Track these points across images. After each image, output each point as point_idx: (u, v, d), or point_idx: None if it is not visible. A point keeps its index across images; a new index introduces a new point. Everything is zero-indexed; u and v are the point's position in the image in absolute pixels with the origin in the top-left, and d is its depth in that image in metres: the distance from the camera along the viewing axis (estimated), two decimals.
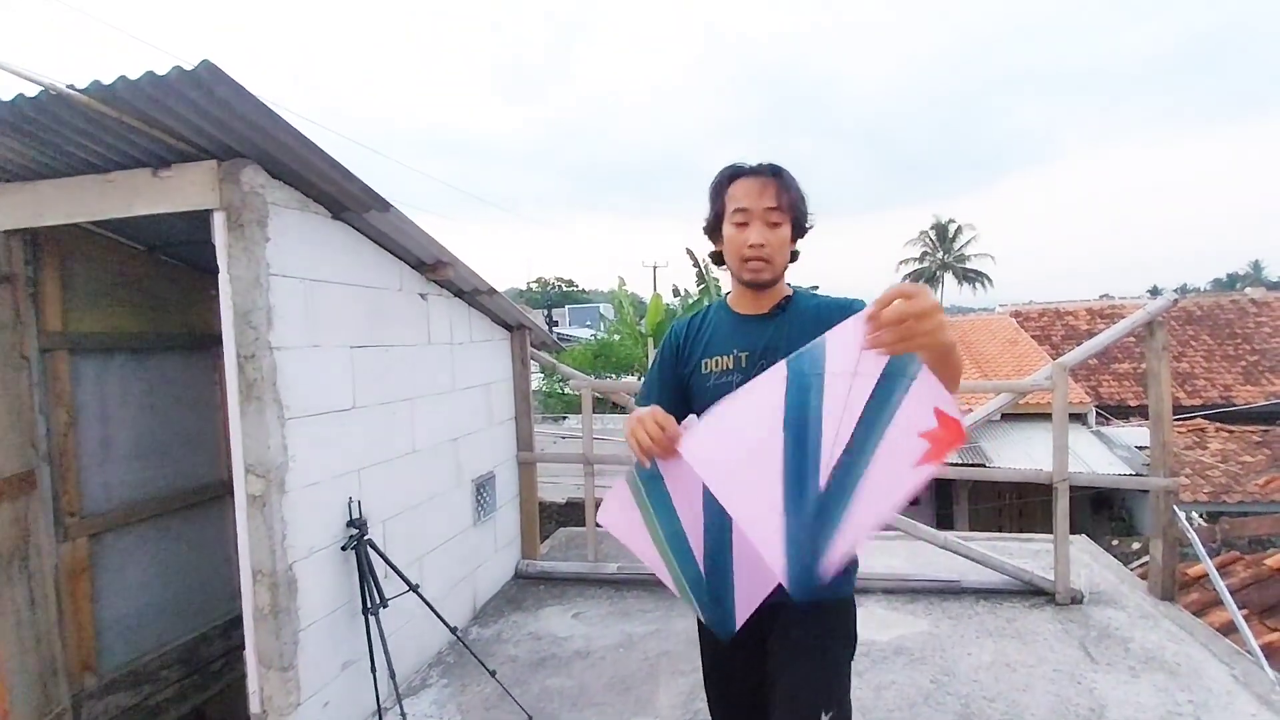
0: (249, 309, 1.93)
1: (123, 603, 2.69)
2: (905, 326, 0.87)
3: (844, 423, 0.96)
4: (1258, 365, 13.45)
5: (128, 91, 1.66)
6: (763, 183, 1.27)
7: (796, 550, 0.99)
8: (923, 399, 0.95)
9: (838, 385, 0.95)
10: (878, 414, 0.96)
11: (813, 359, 0.96)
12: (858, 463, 0.97)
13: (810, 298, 1.37)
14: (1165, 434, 3.10)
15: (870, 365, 0.94)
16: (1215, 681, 2.49)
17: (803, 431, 0.97)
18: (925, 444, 0.94)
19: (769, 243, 1.26)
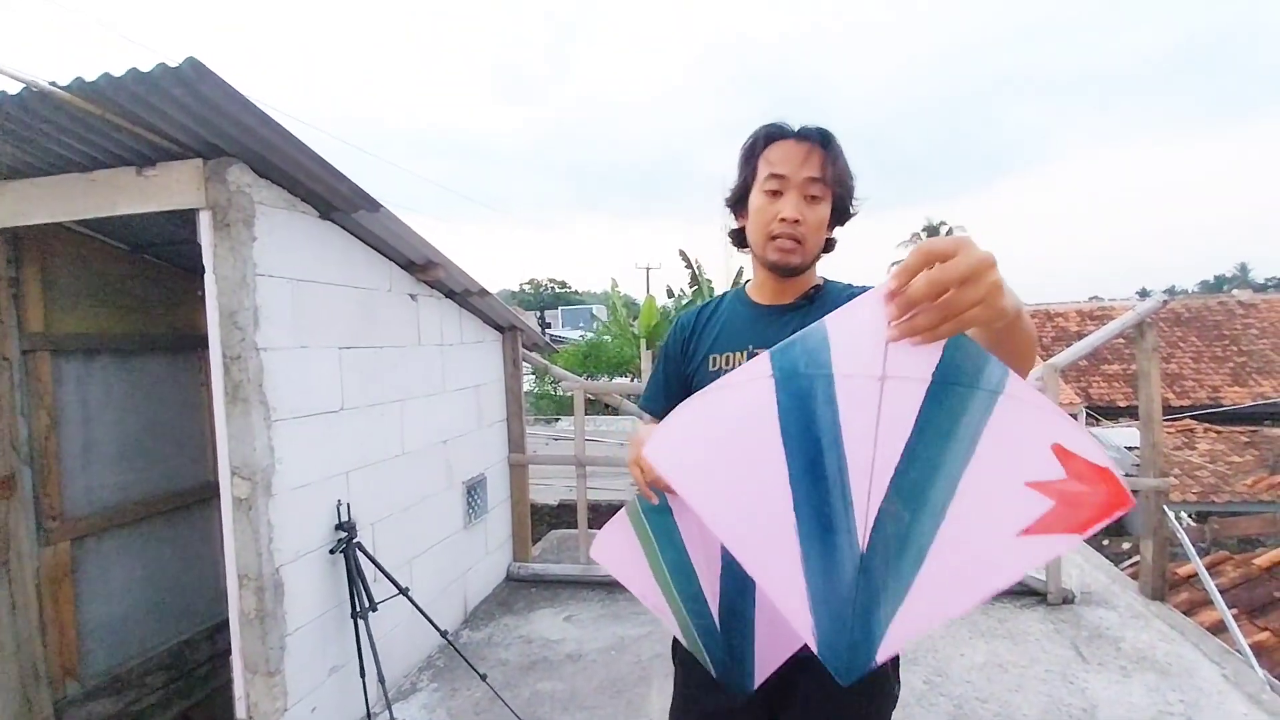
0: (235, 309, 1.91)
1: (106, 607, 2.65)
2: (947, 301, 0.57)
3: (882, 451, 0.66)
4: (1245, 366, 13.59)
5: (111, 89, 1.63)
6: (807, 149, 1.05)
7: (832, 620, 0.71)
8: (1026, 428, 0.62)
9: (859, 392, 0.65)
10: (941, 445, 0.64)
11: (809, 353, 0.67)
12: (920, 518, 0.66)
13: (844, 287, 1.14)
14: (1155, 435, 3.12)
15: (907, 365, 0.63)
16: (1206, 681, 2.50)
17: (815, 457, 0.69)
18: (1043, 501, 0.61)
19: (805, 219, 1.04)
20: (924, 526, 0.66)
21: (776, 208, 1.06)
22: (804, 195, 1.05)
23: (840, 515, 0.69)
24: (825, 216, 1.08)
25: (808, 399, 0.68)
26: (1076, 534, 0.62)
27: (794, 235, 1.05)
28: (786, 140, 1.08)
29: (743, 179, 1.13)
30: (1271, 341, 14.13)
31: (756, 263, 1.15)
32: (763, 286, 1.17)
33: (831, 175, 1.06)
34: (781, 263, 1.08)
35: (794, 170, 1.05)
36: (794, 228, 1.05)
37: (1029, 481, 0.62)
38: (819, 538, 0.70)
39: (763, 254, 1.10)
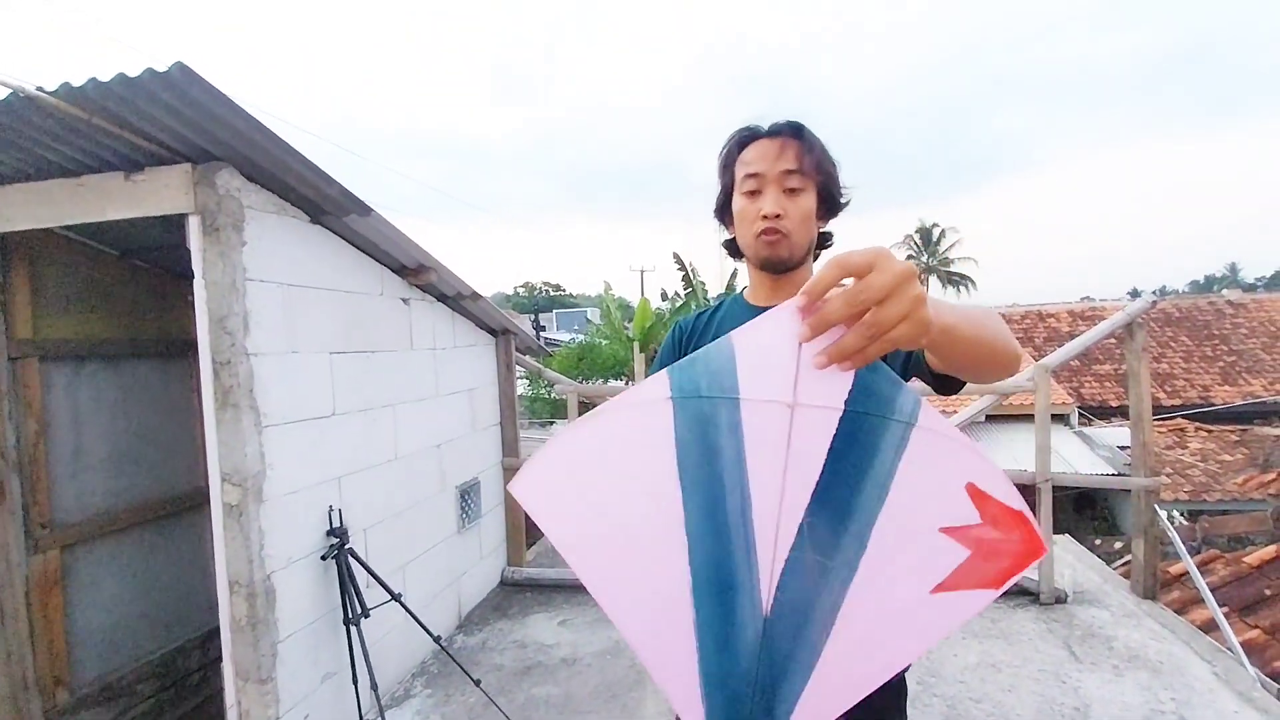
0: (225, 314, 1.90)
1: (96, 615, 2.63)
2: (872, 321, 0.51)
3: (789, 491, 0.56)
4: (1235, 366, 13.70)
5: (98, 93, 1.63)
6: (780, 143, 1.04)
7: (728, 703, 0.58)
8: (938, 464, 0.54)
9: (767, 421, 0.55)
10: (854, 484, 0.55)
11: (712, 374, 0.56)
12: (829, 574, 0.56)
13: None
14: (1146, 434, 3.14)
15: (819, 390, 0.54)
16: (1197, 679, 2.51)
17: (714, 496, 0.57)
18: (959, 551, 0.54)
19: (786, 212, 1.03)
20: (834, 582, 0.56)
21: (757, 206, 1.04)
22: (783, 188, 1.03)
23: (743, 570, 0.57)
24: (810, 207, 1.05)
25: (709, 427, 0.56)
26: (993, 589, 0.54)
27: (777, 228, 1.03)
28: (759, 140, 1.07)
29: (723, 187, 1.12)
30: (1261, 341, 14.26)
31: (751, 266, 1.13)
32: (759, 289, 1.13)
33: (809, 164, 1.03)
34: (771, 256, 1.05)
35: (769, 166, 1.03)
36: (776, 221, 1.03)
37: (943, 527, 0.54)
38: (717, 598, 0.57)
39: (753, 253, 1.08)
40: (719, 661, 0.57)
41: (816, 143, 1.06)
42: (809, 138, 1.05)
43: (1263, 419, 11.80)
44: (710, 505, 0.57)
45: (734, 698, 0.57)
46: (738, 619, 0.57)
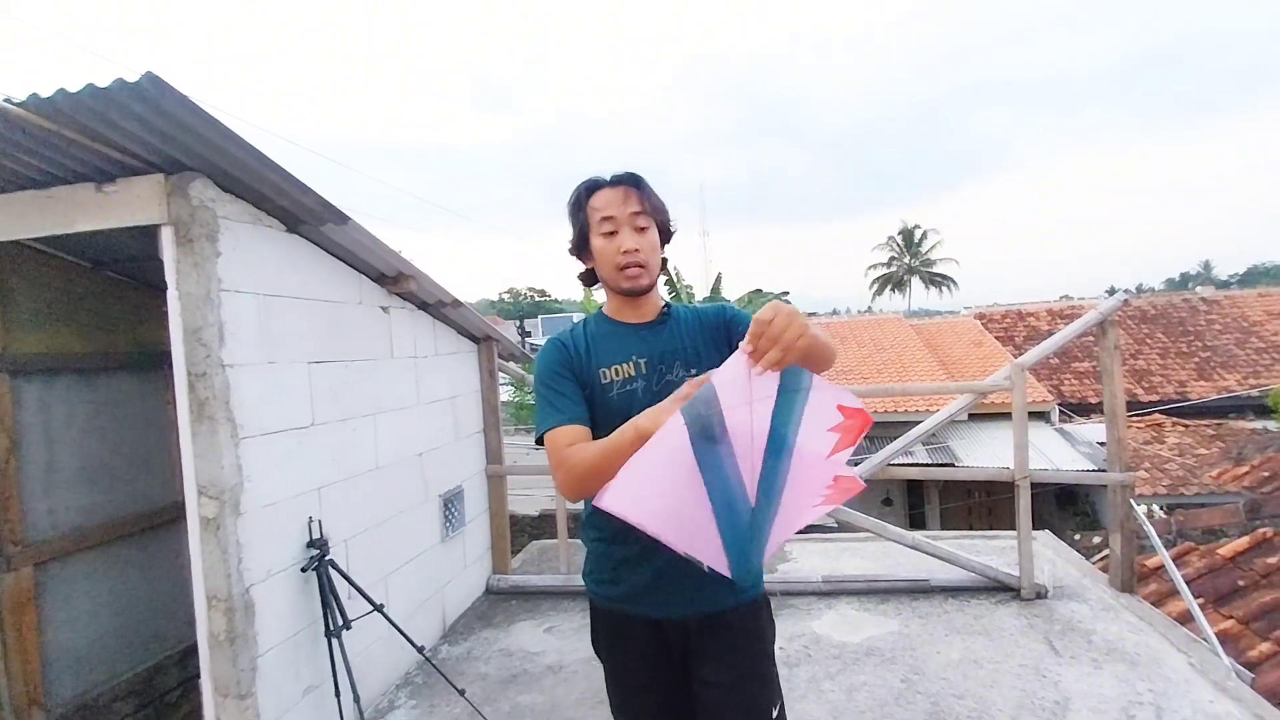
0: (199, 326, 1.88)
1: (72, 633, 2.58)
2: (784, 342, 0.93)
3: (755, 444, 1.02)
4: (1209, 361, 13.98)
5: (68, 105, 1.61)
6: (624, 191, 1.28)
7: (737, 555, 1.08)
8: (823, 402, 1.05)
9: (738, 416, 0.99)
10: (784, 427, 1.04)
11: (705, 402, 0.98)
12: (777, 470, 1.05)
13: (683, 305, 1.42)
14: (1120, 430, 3.20)
15: (764, 390, 1.00)
16: (1174, 670, 2.56)
17: (718, 467, 1.01)
18: (835, 436, 1.07)
19: (641, 247, 1.28)
20: (780, 474, 1.06)
21: (616, 243, 1.28)
22: (634, 228, 1.28)
23: (738, 493, 1.04)
24: (655, 240, 1.31)
25: (708, 431, 0.99)
26: (853, 446, 1.08)
27: (637, 261, 1.27)
28: (604, 189, 1.30)
29: (579, 228, 1.33)
30: (1234, 336, 14.57)
31: (610, 291, 1.36)
32: (621, 309, 1.37)
33: (650, 207, 1.29)
34: (634, 287, 1.30)
35: (619, 210, 1.27)
36: (635, 255, 1.27)
37: (828, 428, 1.06)
38: (727, 511, 1.05)
39: (616, 284, 1.31)
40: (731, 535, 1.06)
41: (649, 188, 1.32)
42: (645, 185, 1.31)
43: (1237, 413, 12.05)
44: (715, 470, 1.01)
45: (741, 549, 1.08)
46: (738, 516, 1.05)
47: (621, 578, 1.34)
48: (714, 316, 1.38)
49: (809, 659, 2.80)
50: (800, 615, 3.20)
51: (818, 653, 2.84)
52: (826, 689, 2.58)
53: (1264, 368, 13.36)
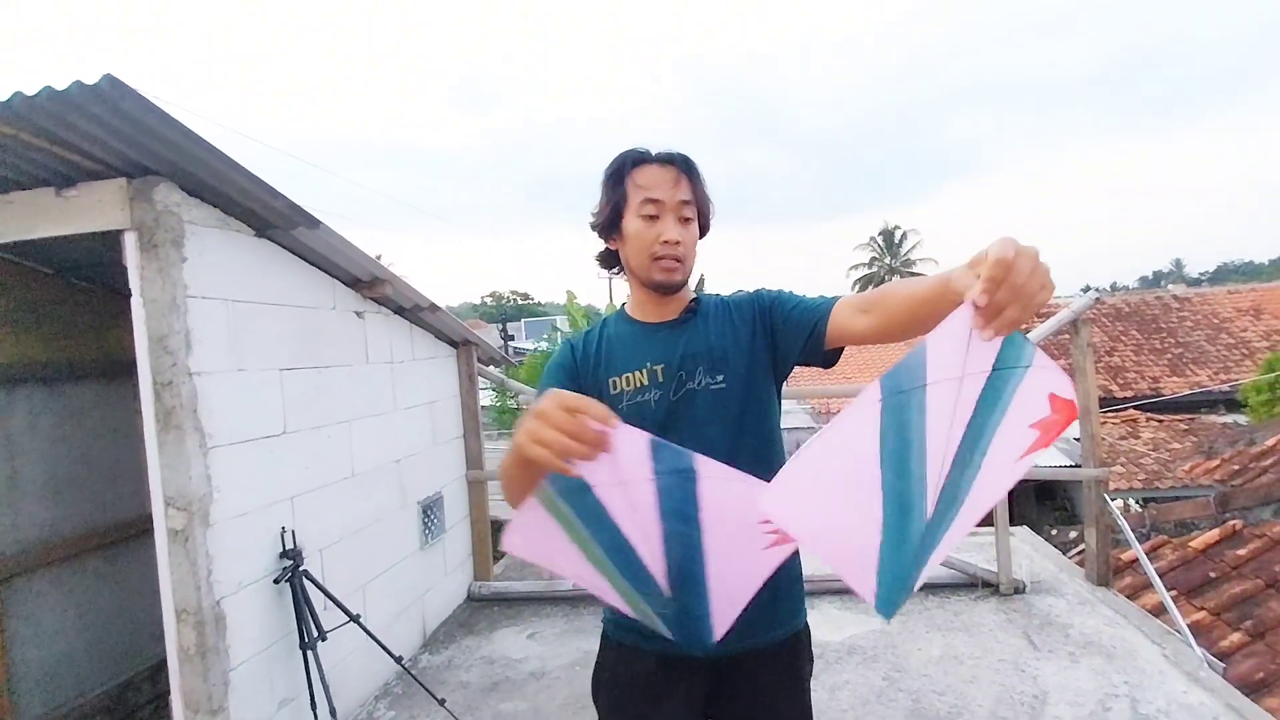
0: (165, 333, 1.84)
1: (38, 650, 2.51)
2: (1026, 295, 0.65)
3: (951, 437, 0.78)
4: (1182, 357, 14.27)
5: (25, 108, 1.56)
6: (676, 173, 1.11)
7: (892, 580, 0.84)
8: (1037, 387, 0.78)
9: (942, 395, 0.76)
10: (988, 416, 0.78)
11: (910, 370, 0.76)
12: (965, 475, 0.80)
13: (710, 297, 1.23)
14: (1093, 426, 3.24)
15: (980, 361, 0.74)
16: (1148, 662, 2.60)
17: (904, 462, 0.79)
18: (1035, 433, 0.80)
19: (684, 240, 1.11)
20: (967, 482, 0.81)
21: (657, 230, 1.10)
22: (680, 217, 1.11)
23: (917, 499, 0.79)
24: (697, 235, 1.15)
25: (905, 412, 0.76)
26: (1046, 447, 0.82)
27: (676, 255, 1.10)
28: (652, 165, 1.12)
29: (613, 204, 1.14)
30: (1205, 333, 14.89)
31: (635, 283, 1.19)
32: (644, 305, 1.19)
33: (700, 197, 1.13)
34: (667, 282, 1.12)
35: (669, 194, 1.10)
36: (675, 249, 1.10)
37: (1032, 423, 0.79)
38: (897, 521, 0.80)
39: (647, 275, 1.13)
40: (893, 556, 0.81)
41: (701, 179, 1.15)
42: (698, 172, 1.14)
43: (1209, 408, 12.31)
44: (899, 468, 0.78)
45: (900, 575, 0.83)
46: (910, 529, 0.80)
47: None
48: (746, 306, 1.16)
49: None
50: None
51: None
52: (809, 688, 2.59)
53: (1234, 363, 13.67)
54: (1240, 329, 14.84)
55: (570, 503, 0.87)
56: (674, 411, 1.10)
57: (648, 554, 0.91)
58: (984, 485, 0.82)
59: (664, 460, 0.84)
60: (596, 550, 0.92)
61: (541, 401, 0.76)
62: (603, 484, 0.84)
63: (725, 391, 1.10)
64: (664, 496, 0.86)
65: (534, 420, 0.75)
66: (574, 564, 0.93)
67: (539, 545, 0.93)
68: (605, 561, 0.93)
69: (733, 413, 1.10)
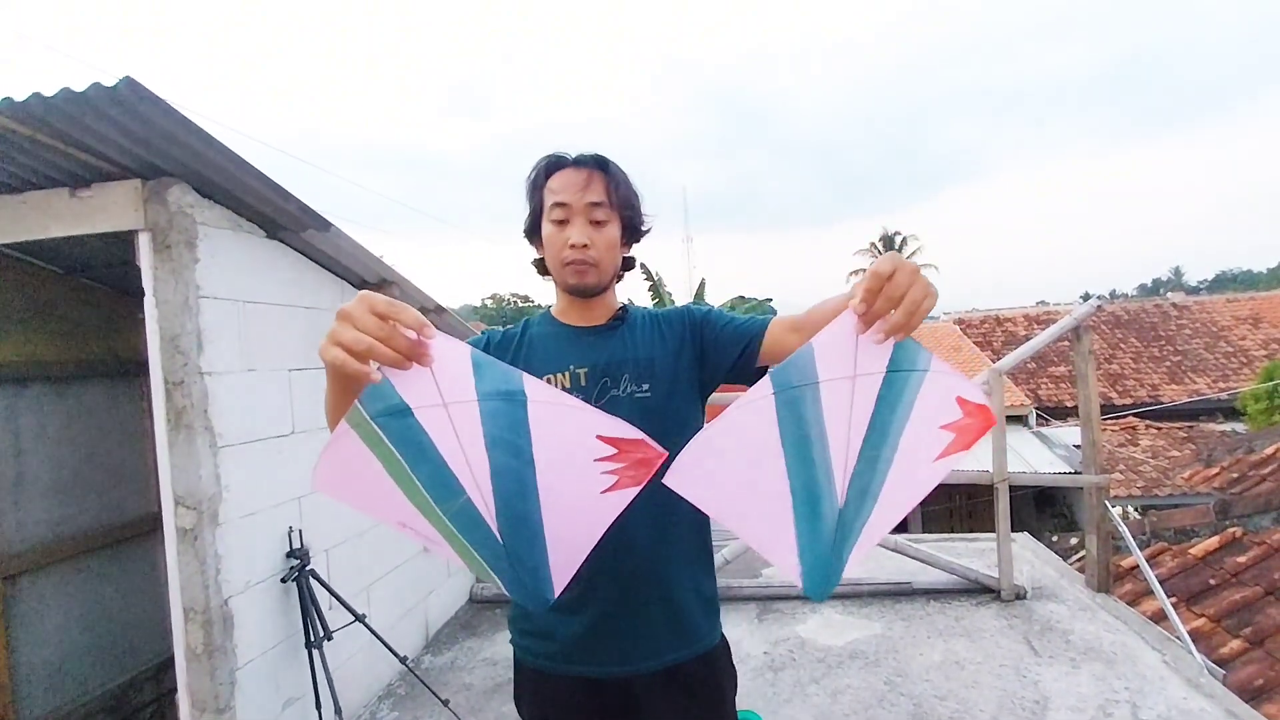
0: (177, 333, 1.85)
1: (42, 649, 2.52)
2: (908, 302, 0.72)
3: (854, 430, 0.83)
4: (1181, 365, 14.31)
5: (43, 109, 1.58)
6: (586, 175, 1.09)
7: (814, 564, 0.89)
8: (940, 391, 0.83)
9: (837, 392, 0.81)
10: (890, 414, 0.83)
11: (799, 369, 0.81)
12: (875, 469, 0.86)
13: (642, 310, 1.23)
14: (1095, 433, 3.26)
15: (873, 362, 0.80)
16: (1149, 668, 2.61)
17: (806, 449, 0.84)
18: (949, 435, 0.85)
19: (594, 242, 1.08)
20: (878, 475, 0.86)
21: (565, 235, 1.09)
22: (589, 220, 1.08)
23: (825, 487, 0.86)
24: (614, 237, 1.11)
25: (799, 405, 0.82)
26: (965, 450, 0.86)
27: (585, 259, 1.08)
28: (566, 169, 1.11)
29: (532, 210, 1.15)
30: (1203, 341, 14.94)
31: (557, 288, 1.17)
32: (568, 309, 1.17)
33: (615, 198, 1.10)
34: (579, 285, 1.11)
35: (576, 197, 1.08)
36: (584, 252, 1.08)
37: (942, 425, 0.85)
38: (809, 507, 0.86)
39: (561, 280, 1.13)
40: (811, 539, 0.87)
41: (621, 176, 1.12)
42: (614, 171, 1.11)
43: (1207, 415, 12.34)
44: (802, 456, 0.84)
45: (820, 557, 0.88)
46: (823, 514, 0.86)
47: (553, 629, 1.10)
48: (676, 320, 1.17)
49: (794, 663, 2.81)
50: (785, 620, 3.22)
51: (802, 657, 2.86)
52: (811, 693, 2.60)
53: (1232, 371, 13.72)
54: (1239, 337, 14.89)
55: (387, 429, 0.77)
56: None
57: (476, 492, 0.82)
58: (900, 482, 0.87)
59: (488, 379, 0.77)
60: (419, 489, 0.82)
61: (349, 304, 0.69)
62: (424, 406, 0.75)
63: (649, 400, 1.09)
64: (489, 422, 0.78)
65: (338, 322, 0.68)
66: (394, 507, 0.83)
67: (353, 483, 0.81)
68: (429, 503, 0.82)
69: (655, 422, 1.00)
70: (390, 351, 0.67)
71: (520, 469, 0.82)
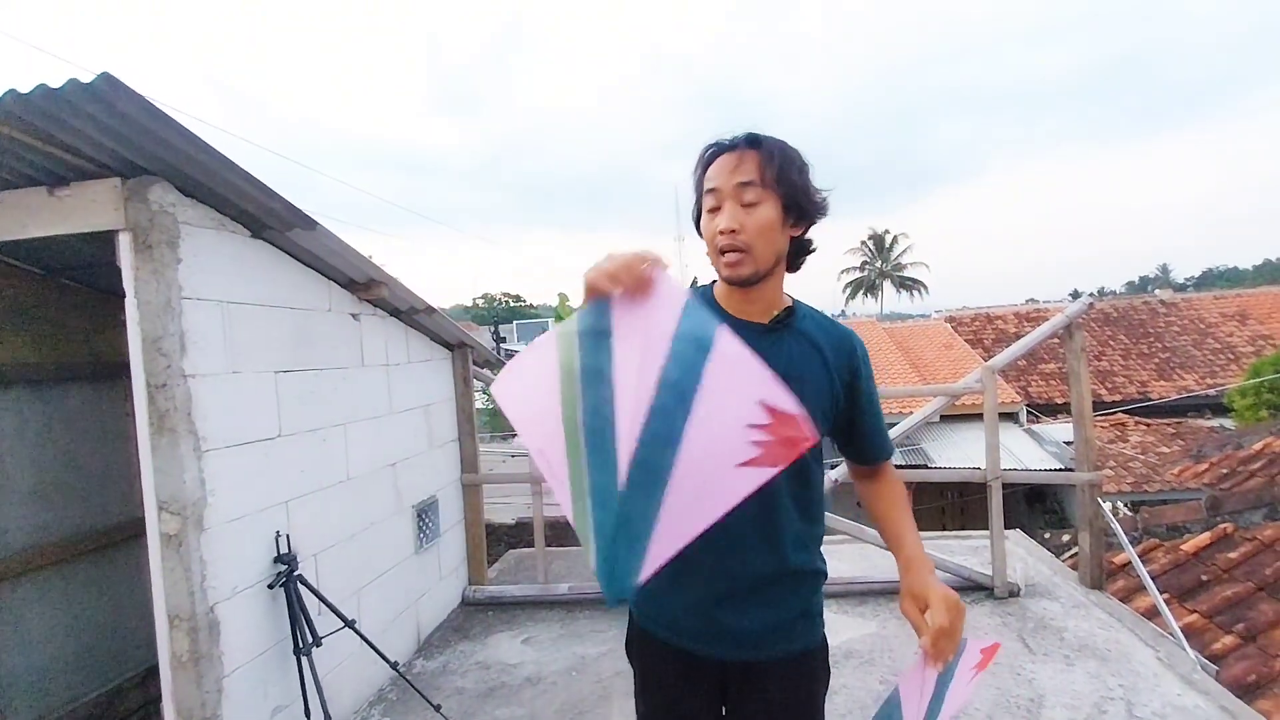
0: (159, 335, 1.81)
1: (25, 657, 2.47)
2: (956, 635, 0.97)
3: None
4: (1169, 362, 14.43)
5: (18, 106, 1.54)
6: (738, 156, 1.03)
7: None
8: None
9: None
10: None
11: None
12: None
13: (812, 313, 1.17)
14: (1087, 430, 3.26)
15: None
16: (1142, 665, 2.61)
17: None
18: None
19: (744, 226, 1.02)
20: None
21: (716, 222, 1.04)
22: (740, 202, 1.02)
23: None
24: (771, 218, 1.03)
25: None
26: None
27: (735, 245, 1.02)
28: (721, 155, 1.06)
29: (695, 203, 1.11)
30: (1191, 337, 15.07)
31: None
32: (729, 295, 1.12)
33: (770, 176, 1.02)
34: (731, 276, 1.06)
35: (725, 180, 1.03)
36: (734, 238, 1.02)
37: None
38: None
39: (717, 269, 1.08)
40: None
41: (776, 151, 1.04)
42: (768, 147, 1.04)
43: (1196, 412, 12.45)
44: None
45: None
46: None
47: (654, 604, 1.16)
48: (845, 351, 1.14)
49: None
50: None
51: None
52: None
53: (1220, 368, 13.84)
54: (1226, 334, 15.03)
55: (584, 344, 0.88)
56: None
57: (625, 429, 0.83)
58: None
59: (689, 322, 0.84)
60: (577, 413, 0.87)
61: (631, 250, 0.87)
62: (624, 335, 0.85)
63: None
64: (672, 362, 0.82)
65: (604, 258, 0.88)
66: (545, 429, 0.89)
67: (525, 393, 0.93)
68: (578, 430, 0.86)
69: None
70: (629, 279, 0.85)
71: (677, 414, 0.82)
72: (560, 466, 0.87)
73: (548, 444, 0.88)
